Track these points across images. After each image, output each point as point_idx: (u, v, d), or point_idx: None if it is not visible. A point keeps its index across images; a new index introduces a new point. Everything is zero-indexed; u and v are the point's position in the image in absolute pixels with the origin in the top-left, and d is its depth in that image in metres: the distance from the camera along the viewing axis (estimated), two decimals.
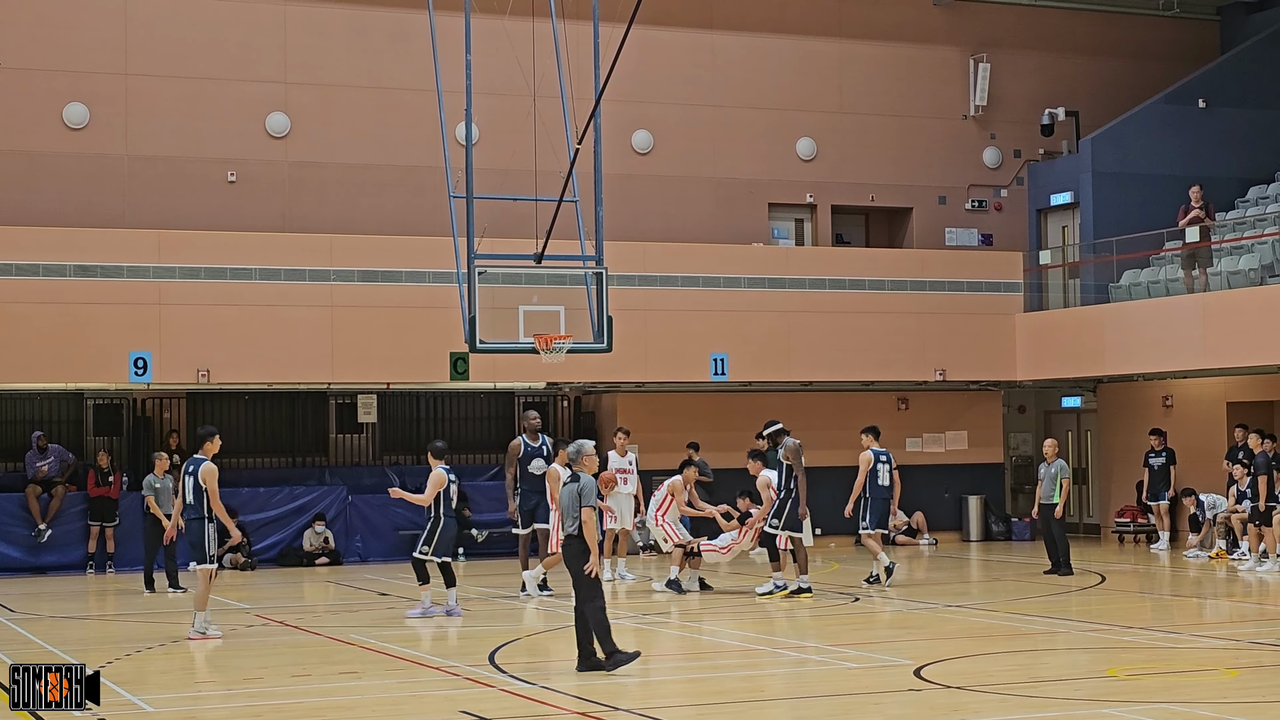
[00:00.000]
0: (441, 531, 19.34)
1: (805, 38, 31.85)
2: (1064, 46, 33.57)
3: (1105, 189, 31.11)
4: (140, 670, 14.97)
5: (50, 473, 26.75)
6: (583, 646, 14.54)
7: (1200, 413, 29.79)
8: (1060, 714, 12.20)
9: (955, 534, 31.46)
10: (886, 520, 23.30)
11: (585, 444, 15.27)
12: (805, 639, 17.18)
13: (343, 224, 28.53)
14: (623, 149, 30.03)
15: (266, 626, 18.70)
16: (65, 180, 27.59)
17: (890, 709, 12.69)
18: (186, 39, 28.43)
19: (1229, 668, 14.34)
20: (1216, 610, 20.43)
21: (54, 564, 26.57)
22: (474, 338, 20.48)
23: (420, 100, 27.32)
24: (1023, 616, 18.67)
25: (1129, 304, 29.17)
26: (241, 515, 26.86)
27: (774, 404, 29.64)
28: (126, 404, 28.48)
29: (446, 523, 19.36)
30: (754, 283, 29.20)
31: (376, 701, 13.34)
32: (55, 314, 25.62)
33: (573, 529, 14.65)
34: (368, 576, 25.24)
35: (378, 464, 29.70)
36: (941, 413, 31.58)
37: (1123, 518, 30.46)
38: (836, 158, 32.03)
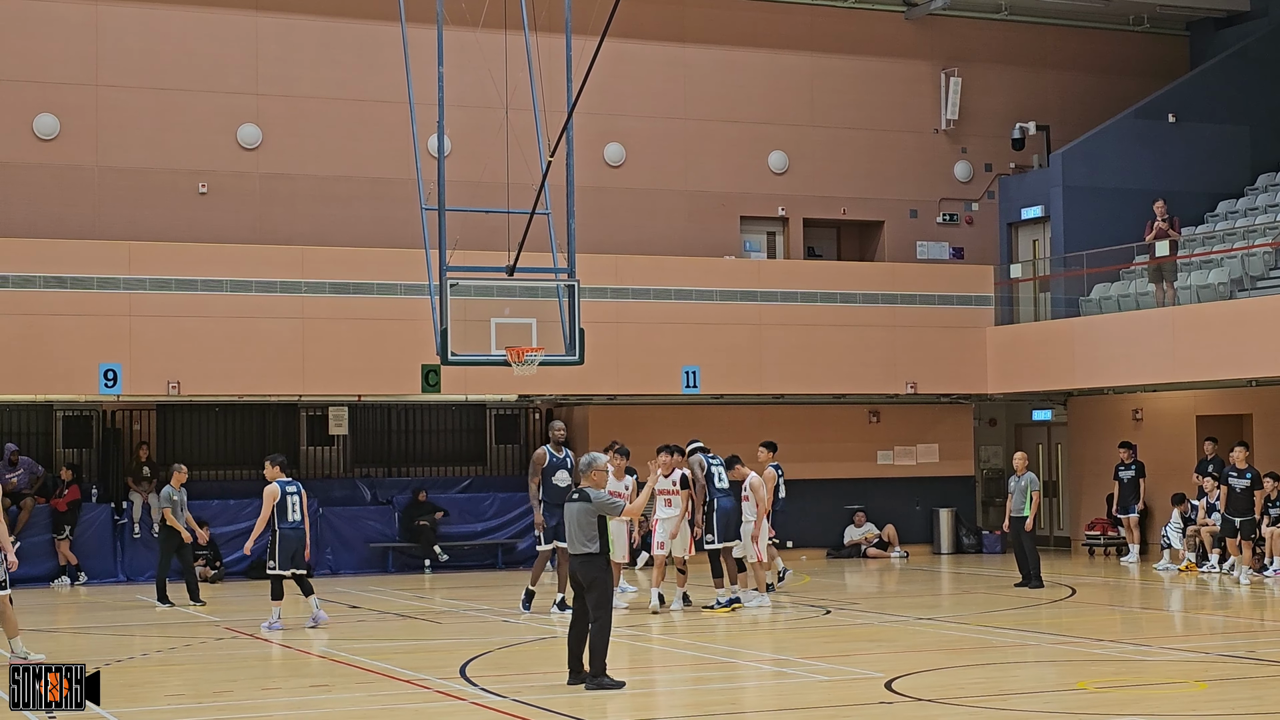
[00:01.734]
0: (280, 545, 19.42)
1: (777, 51, 31.91)
2: (1035, 61, 33.70)
3: (1075, 203, 31.23)
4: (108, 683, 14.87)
5: (19, 485, 26.64)
6: (574, 661, 14.43)
7: (1170, 426, 29.90)
8: None
9: (926, 547, 31.51)
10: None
11: (599, 458, 14.84)
12: (778, 652, 17.18)
13: (314, 236, 28.48)
14: (595, 162, 30.05)
15: (236, 639, 18.63)
16: (35, 191, 27.49)
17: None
18: (157, 50, 28.35)
19: (1199, 680, 14.38)
20: (1186, 623, 20.49)
21: (22, 577, 26.39)
22: (446, 350, 20.46)
23: (392, 112, 27.30)
24: (993, 629, 18.70)
25: (1099, 318, 29.28)
26: (211, 528, 26.80)
27: (745, 417, 29.72)
28: (96, 416, 28.38)
29: (282, 534, 19.39)
30: (726, 295, 29.22)
31: (346, 715, 13.30)
32: (24, 325, 25.52)
33: (594, 547, 14.22)
34: (338, 589, 25.16)
35: (349, 476, 29.64)
36: (912, 426, 31.64)
37: (1093, 530, 30.55)
38: (808, 171, 32.09)
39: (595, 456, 14.81)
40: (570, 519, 14.39)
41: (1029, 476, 24.10)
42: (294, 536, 19.51)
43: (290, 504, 19.52)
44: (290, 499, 19.53)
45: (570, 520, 14.39)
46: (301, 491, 19.74)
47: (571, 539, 14.39)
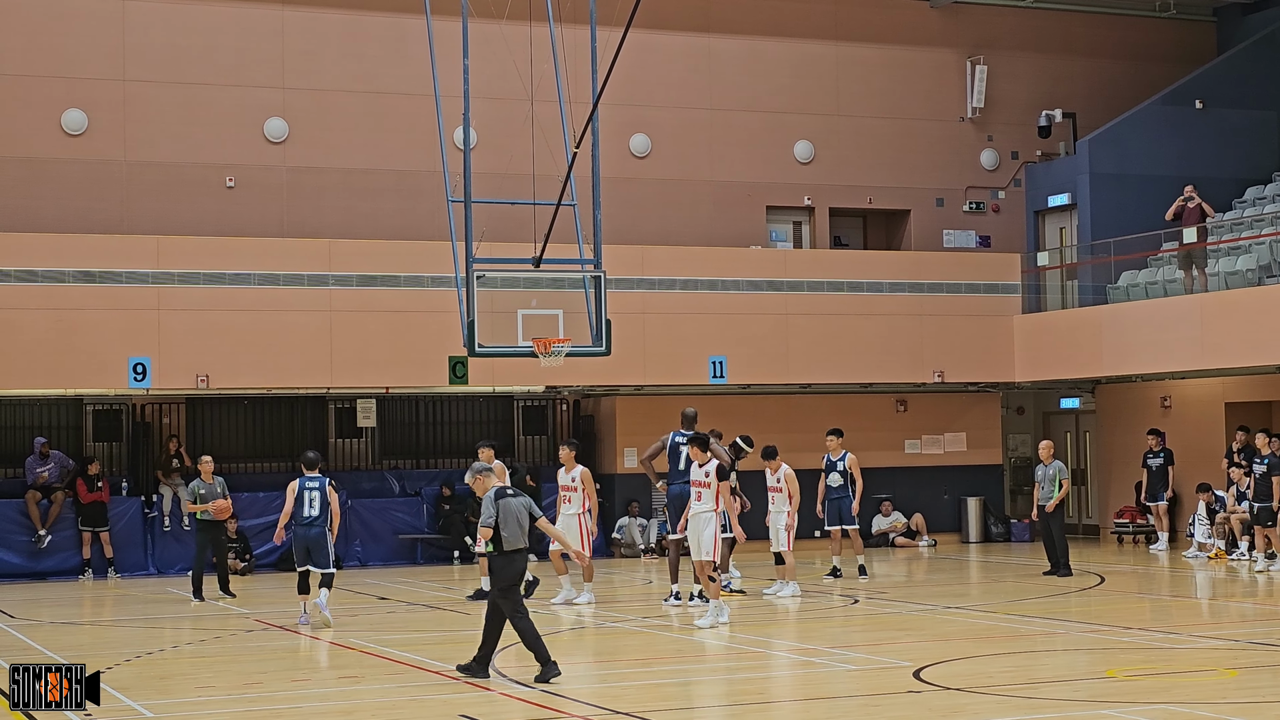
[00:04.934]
0: (294, 541, 19.43)
1: (802, 41, 31.87)
2: (1061, 48, 33.60)
3: (1102, 190, 31.14)
4: (139, 675, 14.98)
5: (50, 479, 26.79)
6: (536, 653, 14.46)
7: (1198, 413, 29.81)
8: (1059, 715, 12.22)
9: (954, 535, 31.48)
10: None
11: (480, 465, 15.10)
12: (805, 641, 17.19)
13: (341, 229, 28.55)
14: (620, 153, 30.05)
15: (266, 631, 18.71)
16: (64, 186, 27.61)
17: (889, 711, 12.70)
18: (184, 45, 28.45)
19: (1228, 668, 14.36)
20: (1215, 611, 20.45)
21: (53, 569, 26.61)
22: (473, 342, 20.50)
23: (418, 105, 27.37)
24: (1022, 618, 18.68)
25: (1127, 305, 29.20)
26: (241, 520, 26.95)
27: (772, 406, 29.72)
28: (126, 409, 28.49)
29: (295, 531, 19.30)
30: (752, 285, 29.22)
31: (376, 706, 13.35)
32: (54, 320, 25.65)
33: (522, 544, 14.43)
34: (367, 581, 25.25)
35: (377, 469, 29.71)
36: (940, 414, 31.60)
37: (1121, 518, 30.48)
38: (834, 160, 32.05)
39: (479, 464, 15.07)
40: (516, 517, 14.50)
41: (1057, 465, 24.06)
42: (303, 534, 19.19)
43: (307, 499, 19.25)
44: (308, 494, 19.26)
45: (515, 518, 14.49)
46: (324, 487, 19.36)
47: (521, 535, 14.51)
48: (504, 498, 14.41)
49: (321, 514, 19.23)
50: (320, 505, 19.25)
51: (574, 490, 20.89)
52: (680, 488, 20.26)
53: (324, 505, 19.27)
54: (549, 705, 13.07)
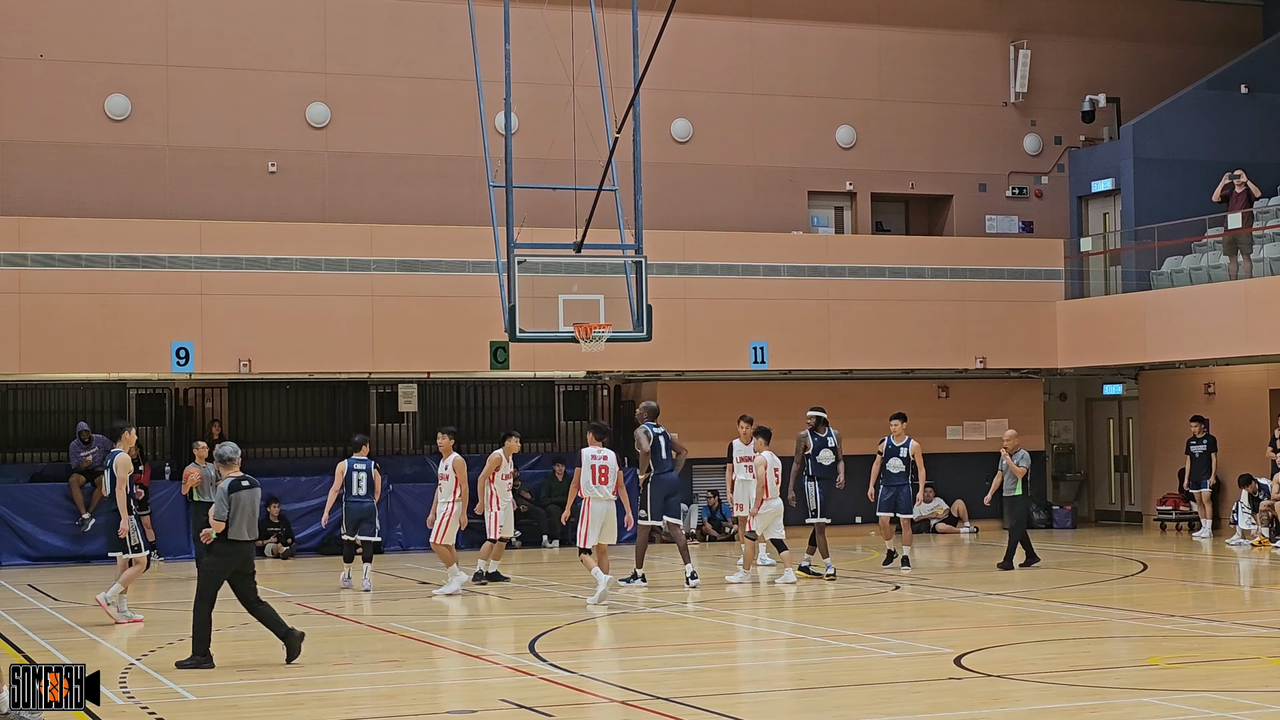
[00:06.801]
0: (346, 515, 21.50)
1: (844, 25, 31.77)
2: (1104, 32, 33.40)
3: (1146, 175, 30.97)
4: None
5: (94, 463, 26.93)
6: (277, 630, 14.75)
7: (1242, 400, 29.64)
8: (1101, 703, 12.16)
9: (996, 522, 31.30)
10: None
11: (227, 451, 15.06)
12: (845, 627, 17.17)
13: (383, 214, 28.62)
14: (662, 137, 30.02)
15: (308, 615, 18.78)
16: (107, 171, 27.76)
17: (930, 697, 12.67)
18: (227, 30, 28.56)
19: (1271, 656, 14.28)
20: (1258, 598, 20.34)
21: (97, 553, 26.71)
22: (514, 327, 20.53)
23: (459, 90, 27.37)
24: (1063, 605, 18.61)
25: (1171, 291, 29.04)
26: (283, 505, 27.08)
27: (814, 392, 29.60)
28: (169, 394, 28.63)
29: (348, 507, 21.38)
30: (794, 271, 29.17)
31: (417, 690, 13.39)
32: (98, 304, 25.79)
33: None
34: (409, 565, 25.32)
35: (418, 453, 29.77)
36: (982, 401, 31.49)
37: (1164, 506, 30.34)
38: (876, 145, 31.96)
39: (224, 452, 15.00)
40: (250, 506, 14.71)
41: (1021, 453, 23.49)
42: (355, 509, 21.31)
43: (355, 480, 21.34)
44: (355, 475, 21.32)
45: (247, 508, 14.68)
46: (371, 469, 21.42)
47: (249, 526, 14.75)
48: (238, 490, 14.62)
49: (368, 494, 21.37)
50: (367, 485, 21.38)
51: (446, 479, 20.94)
52: (668, 477, 21.06)
53: (370, 485, 21.38)
54: (589, 690, 13.08)
